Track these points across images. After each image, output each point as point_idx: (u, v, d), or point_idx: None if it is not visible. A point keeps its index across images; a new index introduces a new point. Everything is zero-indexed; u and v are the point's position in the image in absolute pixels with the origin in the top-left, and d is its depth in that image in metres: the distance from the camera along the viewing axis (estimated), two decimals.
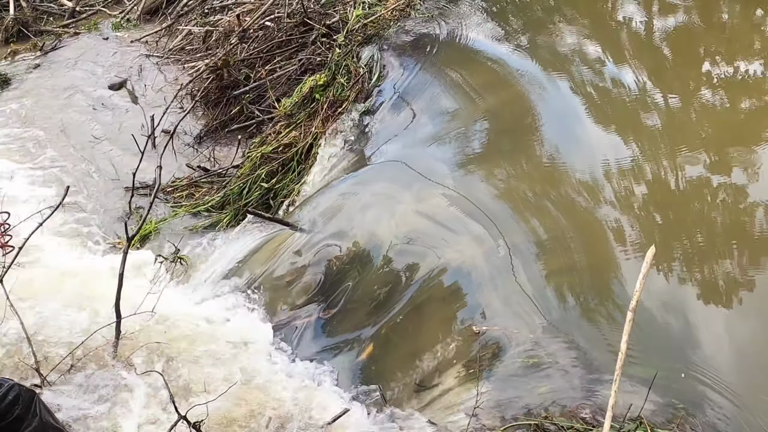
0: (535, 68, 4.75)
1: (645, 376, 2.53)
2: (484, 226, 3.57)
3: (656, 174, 3.63)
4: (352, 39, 5.42)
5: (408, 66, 5.08)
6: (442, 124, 4.44)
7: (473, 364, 2.90)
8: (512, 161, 3.98)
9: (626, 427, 2.39)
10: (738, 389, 2.56)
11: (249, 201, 4.99)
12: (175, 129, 5.59)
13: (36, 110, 6.62)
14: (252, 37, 6.38)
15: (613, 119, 4.15)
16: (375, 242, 3.85)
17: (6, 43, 8.26)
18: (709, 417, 2.47)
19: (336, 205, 4.14)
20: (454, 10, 5.60)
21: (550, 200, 3.63)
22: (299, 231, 4.00)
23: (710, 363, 2.66)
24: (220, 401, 2.92)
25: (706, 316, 2.88)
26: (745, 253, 3.12)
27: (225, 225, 4.85)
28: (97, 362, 3.39)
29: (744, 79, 4.38)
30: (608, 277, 3.14)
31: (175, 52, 7.56)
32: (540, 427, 2.48)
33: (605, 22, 5.45)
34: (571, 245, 3.35)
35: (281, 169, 5.05)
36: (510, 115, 4.33)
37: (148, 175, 5.64)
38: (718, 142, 3.84)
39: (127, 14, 8.65)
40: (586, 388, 2.64)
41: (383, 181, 4.22)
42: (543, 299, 3.09)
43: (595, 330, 2.93)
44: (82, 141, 6.14)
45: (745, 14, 5.07)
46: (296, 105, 5.31)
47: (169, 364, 3.42)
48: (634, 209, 3.43)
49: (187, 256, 4.44)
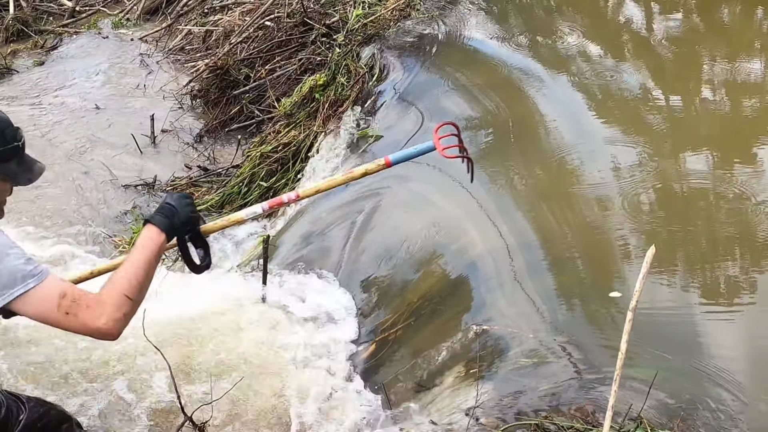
0: (537, 67, 4.75)
1: (645, 376, 2.52)
2: (484, 226, 3.57)
3: (660, 173, 3.63)
4: (352, 39, 5.43)
5: (408, 66, 5.08)
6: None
7: (473, 364, 2.89)
8: (513, 160, 3.98)
9: (626, 427, 2.39)
10: (743, 387, 2.55)
11: (248, 201, 4.99)
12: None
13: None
14: (252, 36, 6.38)
15: (618, 118, 4.15)
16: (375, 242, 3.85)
17: (6, 42, 8.27)
18: (710, 416, 2.47)
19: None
20: (455, 10, 5.61)
21: (551, 199, 3.63)
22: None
23: (713, 360, 2.66)
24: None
25: (709, 315, 2.88)
26: (748, 251, 3.12)
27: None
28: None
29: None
30: (609, 277, 3.13)
31: (174, 51, 7.57)
32: (540, 427, 2.48)
33: (606, 21, 5.45)
34: (572, 244, 3.35)
35: (280, 168, 5.06)
36: (511, 115, 4.33)
37: (146, 174, 5.64)
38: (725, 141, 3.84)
39: (127, 14, 8.66)
40: (586, 388, 2.64)
41: (386, 180, 4.22)
42: (543, 299, 3.09)
43: (595, 330, 2.92)
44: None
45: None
46: (296, 105, 5.31)
47: None
48: (636, 209, 3.43)
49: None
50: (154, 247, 2.13)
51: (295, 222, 4.43)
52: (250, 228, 4.77)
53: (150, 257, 2.10)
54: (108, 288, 2.00)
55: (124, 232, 5.00)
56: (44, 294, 1.89)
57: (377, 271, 3.71)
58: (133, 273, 2.04)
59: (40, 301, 1.89)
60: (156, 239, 2.15)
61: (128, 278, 2.02)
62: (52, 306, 1.89)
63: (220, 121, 6.15)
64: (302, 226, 4.31)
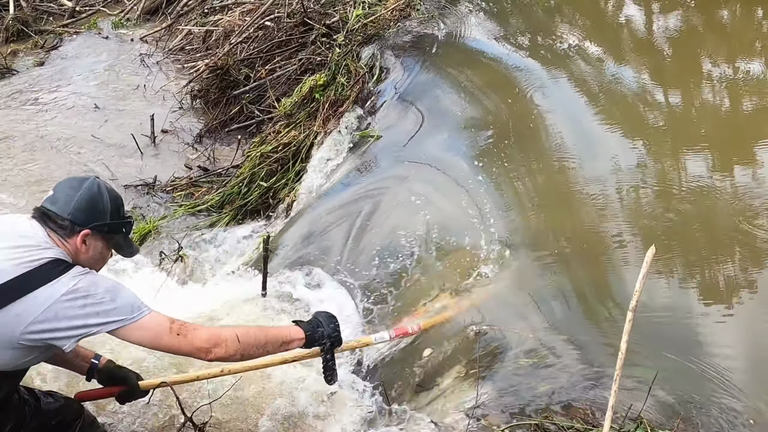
0: (537, 67, 4.75)
1: (645, 376, 2.52)
2: (483, 226, 3.57)
3: (660, 173, 3.63)
4: (352, 39, 5.42)
5: (408, 66, 5.08)
6: (444, 124, 4.44)
7: (473, 364, 2.89)
8: (512, 160, 3.98)
9: (626, 427, 2.39)
10: (743, 387, 2.55)
11: (248, 201, 4.99)
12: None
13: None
14: (252, 36, 6.38)
15: (618, 117, 4.15)
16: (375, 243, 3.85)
17: (6, 42, 8.26)
18: (710, 416, 2.47)
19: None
20: (454, 10, 5.61)
21: (550, 199, 3.63)
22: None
23: (713, 360, 2.66)
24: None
25: (709, 315, 2.88)
26: (748, 251, 3.12)
27: (224, 224, 4.85)
28: None
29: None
30: (609, 277, 3.13)
31: (174, 51, 7.57)
32: (540, 427, 2.48)
33: (606, 21, 5.44)
34: (572, 244, 3.35)
35: (280, 168, 5.05)
36: (512, 114, 4.33)
37: (146, 174, 5.64)
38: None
39: (127, 14, 8.66)
40: (586, 388, 2.64)
41: (386, 180, 4.22)
42: (543, 299, 3.09)
43: (595, 330, 2.92)
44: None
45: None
46: (296, 105, 5.31)
47: None
48: (635, 209, 3.43)
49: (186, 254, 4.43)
50: (288, 339, 2.45)
51: (295, 222, 4.43)
52: (249, 227, 4.77)
53: (278, 341, 2.42)
54: (231, 326, 2.42)
55: None
56: (158, 319, 2.24)
57: (377, 271, 3.71)
58: (259, 336, 2.37)
59: (155, 325, 2.23)
60: (294, 335, 2.47)
61: (252, 335, 2.36)
62: (166, 330, 2.23)
63: (220, 121, 6.15)
64: (302, 226, 4.31)
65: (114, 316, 2.16)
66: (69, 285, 2.12)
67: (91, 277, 2.20)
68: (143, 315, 2.20)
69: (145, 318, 2.20)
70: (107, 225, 2.30)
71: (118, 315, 2.16)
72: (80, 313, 2.11)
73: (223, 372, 2.64)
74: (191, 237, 4.63)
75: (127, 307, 2.18)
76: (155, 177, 5.56)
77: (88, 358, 2.57)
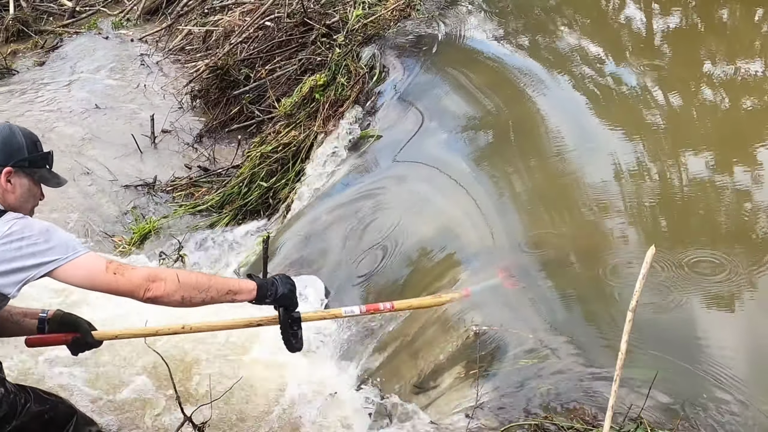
0: (537, 67, 4.74)
1: (645, 376, 2.52)
2: (483, 226, 3.57)
3: (660, 173, 3.63)
4: (352, 39, 5.42)
5: (408, 66, 5.08)
6: (444, 124, 4.44)
7: (473, 364, 2.89)
8: (512, 160, 3.98)
9: (626, 427, 2.39)
10: (743, 387, 2.55)
11: (248, 201, 4.99)
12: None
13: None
14: (252, 37, 6.38)
15: (618, 117, 4.15)
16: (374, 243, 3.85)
17: (6, 42, 8.27)
18: (710, 416, 2.47)
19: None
20: (455, 10, 5.61)
21: (550, 199, 3.63)
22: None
23: (713, 360, 2.66)
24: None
25: (709, 315, 2.87)
26: (748, 251, 3.11)
27: (224, 224, 4.85)
28: None
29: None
30: (608, 277, 3.13)
31: (174, 51, 7.57)
32: (540, 427, 2.48)
33: (606, 21, 5.44)
34: (572, 244, 3.35)
35: (280, 168, 5.05)
36: (511, 114, 4.33)
37: (146, 174, 5.64)
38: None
39: (127, 14, 8.66)
40: (586, 388, 2.64)
41: (386, 180, 4.22)
42: (543, 299, 3.09)
43: (595, 330, 2.92)
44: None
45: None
46: (296, 105, 5.31)
47: None
48: (635, 209, 3.43)
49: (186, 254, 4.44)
50: (236, 288, 2.38)
51: (294, 222, 4.43)
52: (249, 227, 4.77)
53: (225, 289, 2.34)
54: (173, 269, 2.24)
55: (123, 232, 5.00)
56: (94, 259, 2.21)
57: (377, 271, 3.71)
58: (202, 280, 2.31)
59: (92, 265, 2.19)
60: (244, 286, 2.39)
61: (194, 277, 2.31)
62: (102, 268, 2.20)
63: (220, 121, 6.16)
64: (302, 226, 4.31)
65: (50, 256, 2.15)
66: (2, 230, 2.14)
67: (25, 221, 2.21)
68: (78, 254, 2.18)
69: (81, 257, 2.18)
70: (27, 159, 2.34)
71: (53, 254, 2.15)
72: (16, 255, 2.12)
73: (184, 329, 2.51)
74: (194, 237, 4.63)
75: (62, 246, 2.17)
76: (155, 177, 5.56)
77: (36, 314, 2.55)
